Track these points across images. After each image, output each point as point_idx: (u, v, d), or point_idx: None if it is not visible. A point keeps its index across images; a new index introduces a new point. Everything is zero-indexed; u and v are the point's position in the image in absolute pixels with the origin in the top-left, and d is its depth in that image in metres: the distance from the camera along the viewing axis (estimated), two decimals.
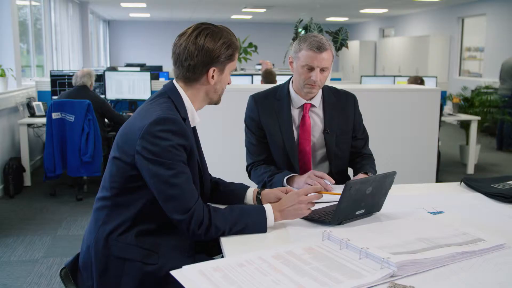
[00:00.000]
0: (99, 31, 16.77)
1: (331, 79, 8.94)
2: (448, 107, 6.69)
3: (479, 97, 6.98)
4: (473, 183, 2.21)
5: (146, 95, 5.85)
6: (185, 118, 1.64)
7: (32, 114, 5.59)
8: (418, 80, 5.49)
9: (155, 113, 1.55)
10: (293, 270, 1.28)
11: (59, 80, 5.90)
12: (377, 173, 2.15)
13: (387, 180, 1.75)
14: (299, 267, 1.30)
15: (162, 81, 6.70)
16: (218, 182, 1.94)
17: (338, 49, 3.94)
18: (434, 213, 1.84)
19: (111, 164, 1.61)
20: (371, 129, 3.64)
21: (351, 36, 18.97)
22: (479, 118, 6.40)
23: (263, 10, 13.89)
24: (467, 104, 6.92)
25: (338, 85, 4.15)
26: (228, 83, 1.76)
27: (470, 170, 6.30)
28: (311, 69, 2.19)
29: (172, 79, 1.76)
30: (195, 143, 1.69)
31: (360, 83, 6.70)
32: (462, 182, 2.27)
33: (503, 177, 2.27)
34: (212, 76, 1.67)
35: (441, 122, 5.79)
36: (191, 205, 1.53)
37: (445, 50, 12.26)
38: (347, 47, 3.98)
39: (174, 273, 1.27)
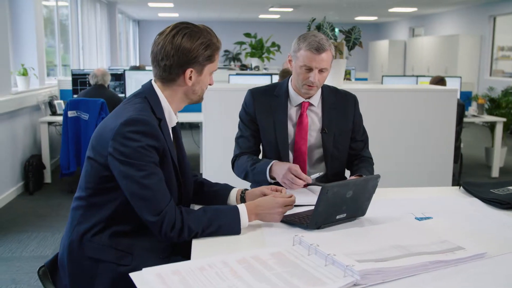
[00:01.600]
0: (129, 30, 17.02)
1: (356, 79, 8.83)
2: (473, 108, 6.49)
3: (506, 98, 6.75)
4: (471, 188, 2.11)
5: None
6: (161, 119, 1.62)
7: (54, 113, 5.70)
8: (437, 79, 5.34)
9: (127, 114, 1.54)
10: (253, 276, 1.25)
11: (80, 79, 6.01)
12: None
13: (370, 183, 1.69)
14: (260, 273, 1.27)
15: None
16: (203, 183, 1.91)
17: (350, 48, 3.87)
18: (421, 218, 1.77)
19: (86, 164, 1.61)
20: (384, 130, 3.57)
21: (381, 35, 18.85)
22: (504, 119, 6.19)
23: (290, 9, 13.82)
24: (493, 105, 6.71)
25: (362, 85, 4.08)
26: (210, 84, 1.73)
27: (495, 173, 6.11)
28: (310, 69, 2.16)
29: None
30: (172, 143, 1.67)
31: (382, 83, 6.58)
32: (461, 187, 2.18)
33: (505, 182, 2.17)
34: (190, 77, 1.64)
35: (464, 124, 5.63)
36: (163, 207, 1.51)
37: (476, 50, 11.92)
38: (361, 46, 3.90)
39: (133, 275, 1.25)
